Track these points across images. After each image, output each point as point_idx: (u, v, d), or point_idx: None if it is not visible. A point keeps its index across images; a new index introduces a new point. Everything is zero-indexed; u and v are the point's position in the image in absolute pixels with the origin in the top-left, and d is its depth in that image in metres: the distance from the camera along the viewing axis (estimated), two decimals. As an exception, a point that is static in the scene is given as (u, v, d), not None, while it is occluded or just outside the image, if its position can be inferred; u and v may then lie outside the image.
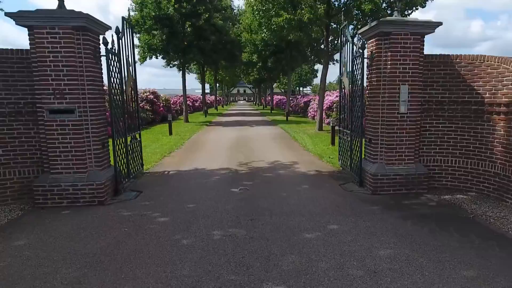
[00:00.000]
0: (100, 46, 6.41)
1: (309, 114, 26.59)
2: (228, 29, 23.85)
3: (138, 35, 21.71)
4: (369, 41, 6.70)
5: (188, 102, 37.38)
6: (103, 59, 6.38)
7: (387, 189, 6.58)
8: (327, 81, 16.74)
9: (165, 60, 28.15)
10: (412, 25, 6.08)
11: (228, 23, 24.41)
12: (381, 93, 6.46)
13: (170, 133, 16.48)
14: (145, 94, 23.88)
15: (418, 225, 5.01)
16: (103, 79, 6.64)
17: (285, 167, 9.10)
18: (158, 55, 22.82)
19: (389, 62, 6.25)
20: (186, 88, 25.46)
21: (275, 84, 58.98)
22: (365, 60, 6.70)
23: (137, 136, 8.37)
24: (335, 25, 17.04)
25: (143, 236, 4.69)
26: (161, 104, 25.76)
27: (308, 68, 73.99)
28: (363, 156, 7.13)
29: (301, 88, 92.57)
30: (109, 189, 6.52)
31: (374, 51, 6.47)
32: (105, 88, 6.91)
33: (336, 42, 18.38)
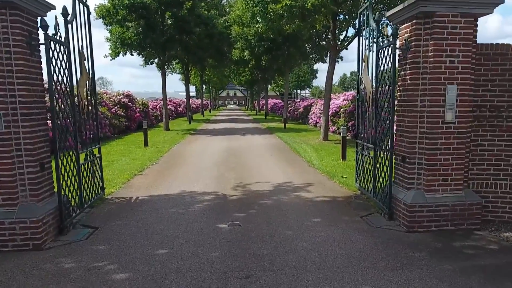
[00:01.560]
0: (38, 32, 5.26)
1: (310, 120, 25.81)
2: (215, 20, 22.84)
3: (109, 27, 20.63)
4: (403, 26, 5.63)
5: (169, 107, 36.35)
6: (43, 50, 5.23)
7: (428, 225, 5.48)
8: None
9: (142, 58, 27.12)
10: (463, 2, 5.02)
11: (215, 13, 23.45)
12: (419, 95, 5.39)
13: (146, 144, 15.30)
14: (118, 97, 22.80)
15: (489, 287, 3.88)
16: (44, 76, 5.46)
17: (287, 190, 7.96)
18: (133, 51, 21.74)
19: (432, 53, 5.18)
20: (169, 90, 24.43)
21: (269, 86, 58.12)
22: (397, 52, 5.63)
23: (96, 151, 7.20)
24: (343, 17, 16.15)
25: (84, 311, 3.50)
26: (138, 109, 24.67)
27: (307, 68, 73.39)
28: (392, 178, 6.02)
29: (298, 91, 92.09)
30: (51, 227, 5.32)
31: (409, 39, 5.40)
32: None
33: (341, 35, 17.51)
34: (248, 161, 11.80)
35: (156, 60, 24.70)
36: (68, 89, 5.88)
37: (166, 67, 24.43)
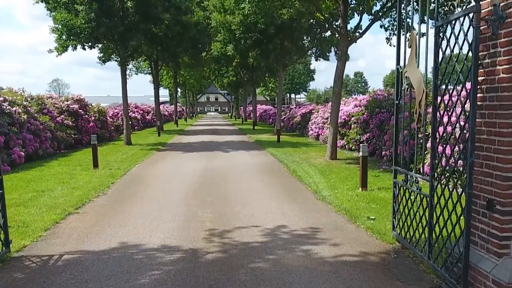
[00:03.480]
0: None
1: (310, 131, 24.97)
2: (188, 4, 21.41)
3: (53, 13, 19.08)
4: (490, -17, 4.02)
5: (135, 114, 34.75)
6: None
7: (537, 319, 3.81)
8: (325, 86, 14.63)
9: (101, 53, 25.68)
10: None
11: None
12: (522, 98, 3.75)
13: (95, 165, 13.52)
14: (66, 102, 21.20)
15: None
16: None
17: (290, 243, 6.24)
18: (84, 43, 20.20)
19: (547, 26, 3.56)
20: (138, 95, 24.11)
21: (258, 89, 56.91)
22: (480, 26, 4.01)
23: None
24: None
25: None
26: (92, 118, 23.03)
27: (302, 68, 72.52)
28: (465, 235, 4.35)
29: (292, 95, 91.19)
30: None
31: (505, 2, 3.78)
32: None
33: (349, 24, 16.24)
34: (231, 190, 10.10)
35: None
36: None
37: (127, 64, 22.83)
